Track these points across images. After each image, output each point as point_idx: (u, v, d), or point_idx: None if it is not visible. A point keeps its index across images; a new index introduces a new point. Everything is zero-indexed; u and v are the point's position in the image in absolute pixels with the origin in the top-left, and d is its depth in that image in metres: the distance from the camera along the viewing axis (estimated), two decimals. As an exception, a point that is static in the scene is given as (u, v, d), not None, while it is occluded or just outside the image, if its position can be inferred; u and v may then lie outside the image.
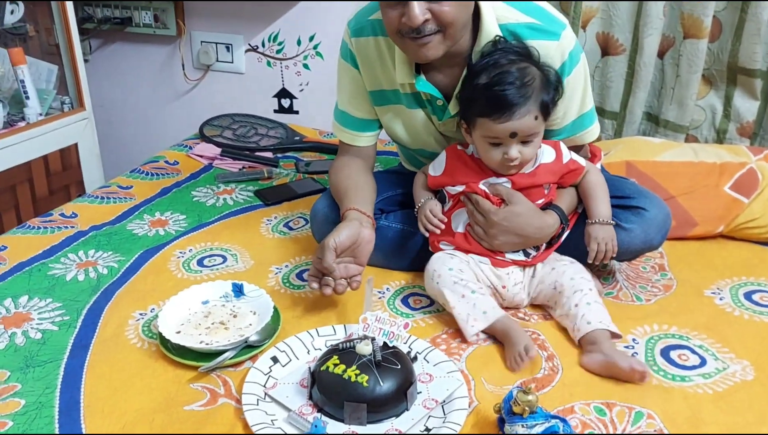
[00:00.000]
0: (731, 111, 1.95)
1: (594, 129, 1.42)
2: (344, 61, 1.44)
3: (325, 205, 1.47)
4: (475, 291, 1.26)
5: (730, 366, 1.20)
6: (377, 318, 1.10)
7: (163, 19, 2.52)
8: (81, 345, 1.25)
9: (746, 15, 1.82)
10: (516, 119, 1.21)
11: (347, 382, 1.03)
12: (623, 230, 1.36)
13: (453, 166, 1.35)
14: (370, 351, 1.06)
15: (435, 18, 1.18)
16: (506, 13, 1.29)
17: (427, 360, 1.17)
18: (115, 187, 1.95)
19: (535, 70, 1.23)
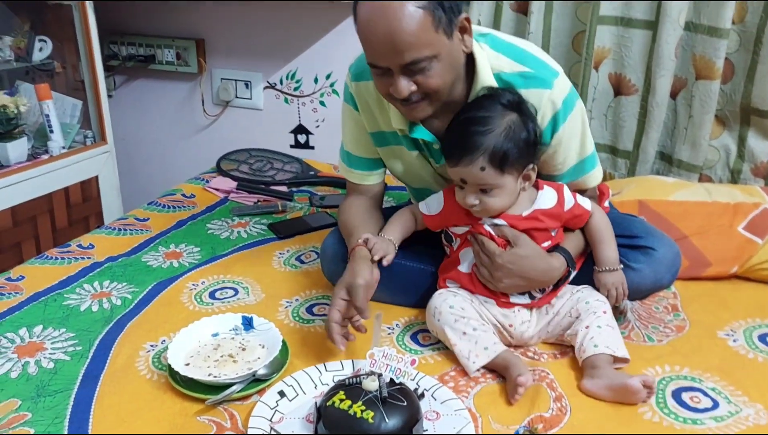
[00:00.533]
0: (745, 151, 1.95)
1: (596, 172, 1.42)
2: (347, 104, 1.47)
3: (334, 241, 1.49)
4: (476, 328, 1.26)
5: (744, 409, 1.18)
6: (384, 354, 1.10)
7: (185, 57, 2.59)
8: (92, 375, 1.26)
9: (758, 57, 1.83)
10: (462, 166, 1.22)
11: (353, 417, 1.02)
12: (632, 271, 1.35)
13: (450, 205, 1.34)
14: (377, 387, 1.06)
15: (420, 88, 1.20)
16: (499, 63, 1.30)
17: (434, 397, 1.16)
18: (132, 219, 1.98)
19: (507, 120, 1.21)
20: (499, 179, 1.22)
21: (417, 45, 1.15)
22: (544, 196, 1.31)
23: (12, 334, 1.38)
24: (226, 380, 1.18)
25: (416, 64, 1.17)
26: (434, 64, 1.18)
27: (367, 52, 1.21)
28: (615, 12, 1.94)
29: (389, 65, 1.18)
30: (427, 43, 1.16)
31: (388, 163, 1.49)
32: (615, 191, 1.80)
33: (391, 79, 1.20)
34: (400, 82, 1.19)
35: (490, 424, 1.12)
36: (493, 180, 1.22)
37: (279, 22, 2.41)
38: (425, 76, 1.19)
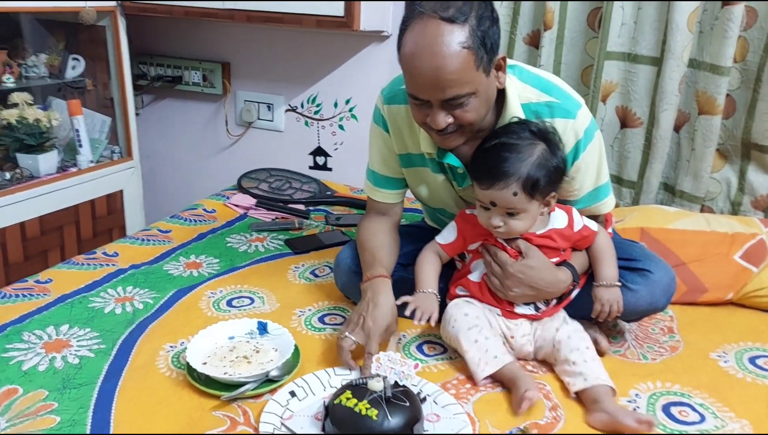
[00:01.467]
0: (745, 184, 2.02)
1: (609, 201, 1.49)
2: (376, 126, 1.54)
3: (348, 256, 1.57)
4: (488, 337, 1.33)
5: (729, 424, 1.24)
6: (389, 358, 1.18)
7: (210, 79, 2.70)
8: (114, 371, 1.34)
9: (758, 94, 1.91)
10: (495, 190, 1.28)
11: (358, 415, 1.10)
12: (629, 291, 1.42)
13: (464, 230, 1.43)
14: (381, 388, 1.13)
15: (456, 121, 1.28)
16: (527, 93, 1.37)
17: (436, 402, 1.23)
18: (155, 230, 2.08)
19: (539, 149, 1.29)
20: (527, 204, 1.30)
21: (459, 83, 1.22)
22: (556, 217, 1.39)
23: (40, 331, 1.47)
24: (241, 379, 1.26)
25: (456, 99, 1.24)
26: (472, 99, 1.25)
27: (409, 84, 1.27)
28: (622, 48, 2.03)
29: (430, 99, 1.25)
30: (468, 81, 1.22)
31: (412, 183, 1.56)
32: (619, 219, 1.88)
33: (429, 111, 1.27)
34: (439, 115, 1.26)
35: (488, 428, 1.19)
36: (522, 205, 1.29)
37: (302, 48, 2.53)
38: (463, 111, 1.26)
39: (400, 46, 1.26)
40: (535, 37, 2.13)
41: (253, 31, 2.58)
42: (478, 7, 1.22)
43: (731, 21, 1.85)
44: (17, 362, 1.35)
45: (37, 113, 2.20)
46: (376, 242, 1.49)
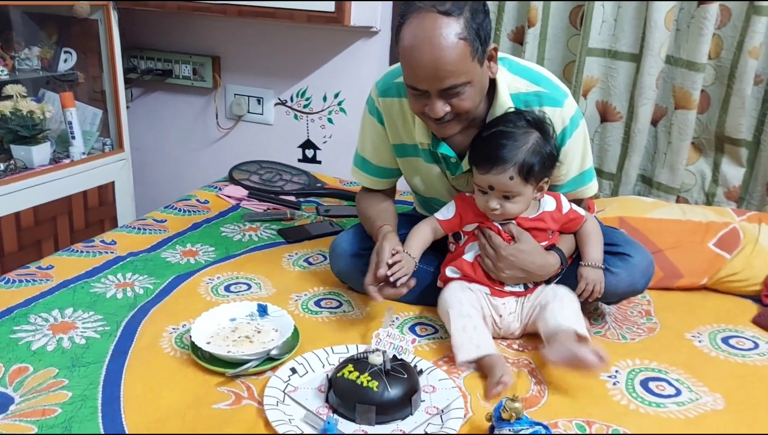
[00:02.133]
0: (719, 176, 2.12)
1: (593, 185, 1.58)
2: (370, 116, 1.61)
3: (345, 240, 1.65)
4: (476, 327, 1.39)
5: (703, 397, 1.32)
6: (388, 333, 1.24)
7: (201, 73, 2.75)
8: (120, 351, 1.39)
9: (732, 90, 2.00)
10: (492, 174, 1.37)
11: (359, 386, 1.17)
12: (610, 274, 1.51)
13: (463, 209, 1.51)
14: (381, 361, 1.21)
15: (453, 109, 1.36)
16: (516, 84, 1.46)
17: (428, 377, 1.30)
18: (150, 220, 2.12)
19: (534, 136, 1.38)
20: (522, 188, 1.39)
21: (456, 73, 1.30)
22: (546, 201, 1.49)
23: (46, 314, 1.52)
24: (244, 357, 1.32)
25: (453, 89, 1.32)
26: (468, 88, 1.34)
27: (408, 75, 1.35)
28: (603, 45, 2.12)
29: (429, 89, 1.33)
30: (465, 71, 1.31)
31: (406, 173, 1.65)
32: (599, 209, 1.96)
33: (427, 101, 1.35)
34: (437, 104, 1.34)
35: (478, 400, 1.27)
36: (517, 188, 1.39)
37: (291, 43, 2.58)
38: (459, 100, 1.34)
39: (399, 39, 1.34)
40: (520, 33, 2.21)
41: (243, 26, 2.62)
42: (471, 2, 1.31)
43: (706, 19, 1.95)
44: (26, 343, 1.40)
45: (30, 105, 2.23)
46: (376, 209, 1.61)
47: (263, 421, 1.18)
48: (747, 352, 1.50)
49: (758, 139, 2.05)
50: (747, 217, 1.89)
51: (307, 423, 1.17)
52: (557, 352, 1.31)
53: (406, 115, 1.53)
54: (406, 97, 1.52)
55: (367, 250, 1.56)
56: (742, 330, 1.60)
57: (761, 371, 1.42)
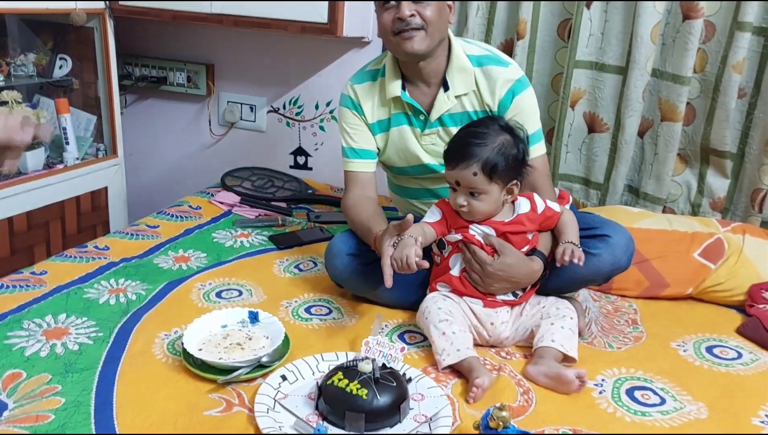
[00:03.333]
0: (705, 187, 2.15)
1: (539, 147, 1.69)
2: (346, 109, 1.77)
3: (339, 241, 1.67)
4: (456, 332, 1.43)
5: (687, 406, 1.35)
6: (378, 342, 1.27)
7: (195, 80, 2.77)
8: (113, 357, 1.41)
9: (716, 103, 2.04)
10: (458, 170, 1.44)
11: (349, 394, 1.19)
12: (593, 256, 1.54)
13: (445, 211, 1.53)
14: (371, 369, 1.22)
15: (420, 15, 1.55)
16: (470, 48, 1.69)
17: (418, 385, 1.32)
18: (143, 225, 2.14)
19: (501, 138, 1.44)
20: (486, 186, 1.44)
21: None
22: (520, 204, 1.52)
23: (39, 319, 1.53)
24: (235, 364, 1.34)
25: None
26: (432, 3, 1.55)
27: None
28: (590, 57, 2.15)
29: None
30: None
31: (382, 149, 1.77)
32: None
33: (397, 10, 1.55)
34: (404, 5, 1.54)
35: (465, 409, 1.29)
36: (482, 185, 1.43)
37: (284, 51, 2.61)
38: (424, 8, 1.55)
39: None
40: (509, 45, 2.25)
41: (237, 35, 2.65)
42: None
43: (691, 34, 1.98)
44: (19, 348, 1.41)
45: (26, 111, 2.25)
46: (369, 212, 1.65)
47: (254, 428, 1.20)
48: (730, 361, 1.53)
49: (742, 152, 2.09)
50: (731, 228, 1.93)
51: (297, 430, 1.18)
52: (540, 368, 1.36)
53: (379, 90, 1.73)
54: (377, 79, 1.74)
55: (363, 251, 1.62)
56: (726, 340, 1.63)
57: (744, 381, 1.45)
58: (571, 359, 1.42)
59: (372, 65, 1.78)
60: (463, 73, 1.65)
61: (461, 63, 1.65)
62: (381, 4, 1.59)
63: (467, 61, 1.65)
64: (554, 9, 2.18)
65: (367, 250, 1.62)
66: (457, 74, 1.65)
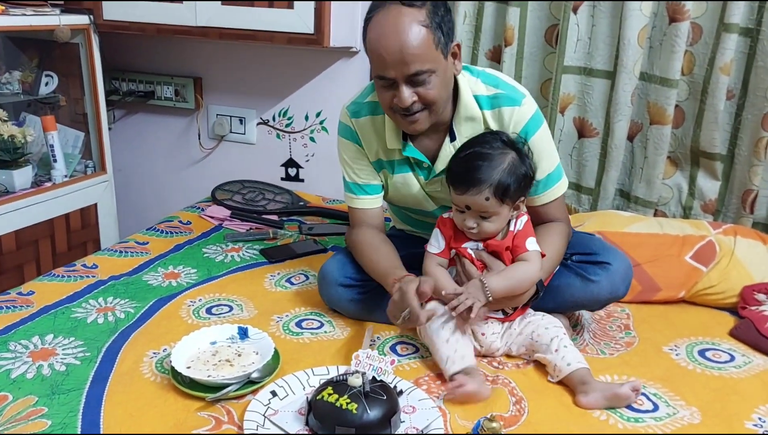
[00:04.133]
0: (695, 190, 2.15)
1: (563, 183, 1.60)
2: (345, 140, 1.65)
3: (335, 269, 1.65)
4: (458, 339, 1.42)
5: (680, 411, 1.34)
6: (368, 355, 1.25)
7: (183, 94, 2.76)
8: (101, 377, 1.39)
9: (705, 105, 2.04)
10: (469, 195, 1.40)
11: (339, 409, 1.18)
12: (591, 282, 1.53)
13: (447, 233, 1.52)
14: (360, 383, 1.21)
15: (421, 99, 1.42)
16: (477, 87, 1.53)
17: (409, 397, 1.31)
18: (132, 242, 2.13)
19: (509, 157, 1.41)
20: (498, 208, 1.42)
21: (421, 58, 1.37)
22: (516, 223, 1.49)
23: (26, 341, 1.51)
24: (224, 381, 1.33)
25: (419, 75, 1.39)
26: (433, 78, 1.40)
27: (376, 65, 1.42)
28: (578, 62, 2.15)
29: (396, 76, 1.39)
30: (429, 59, 1.38)
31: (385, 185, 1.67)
32: (578, 224, 1.98)
33: (395, 91, 1.42)
34: (404, 92, 1.40)
35: (457, 420, 1.28)
36: (493, 209, 1.41)
37: (272, 63, 2.60)
38: (425, 88, 1.41)
39: (366, 33, 1.42)
40: (497, 52, 2.24)
41: (224, 47, 2.64)
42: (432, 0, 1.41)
43: (678, 37, 1.98)
44: (5, 371, 1.39)
45: (11, 129, 2.24)
46: (381, 253, 1.58)
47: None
48: (723, 364, 1.52)
49: (732, 153, 2.08)
50: (723, 230, 1.92)
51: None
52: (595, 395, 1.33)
53: (380, 130, 1.59)
54: (377, 114, 1.59)
55: (356, 280, 1.61)
56: (718, 343, 1.63)
57: (737, 384, 1.44)
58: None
59: (370, 96, 1.60)
60: (471, 121, 1.53)
61: (469, 112, 1.52)
62: (377, 80, 1.45)
63: (475, 107, 1.52)
64: (541, 14, 2.18)
65: (361, 281, 1.61)
66: (465, 123, 1.53)
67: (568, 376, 1.39)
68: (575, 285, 1.56)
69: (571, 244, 1.63)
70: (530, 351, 1.49)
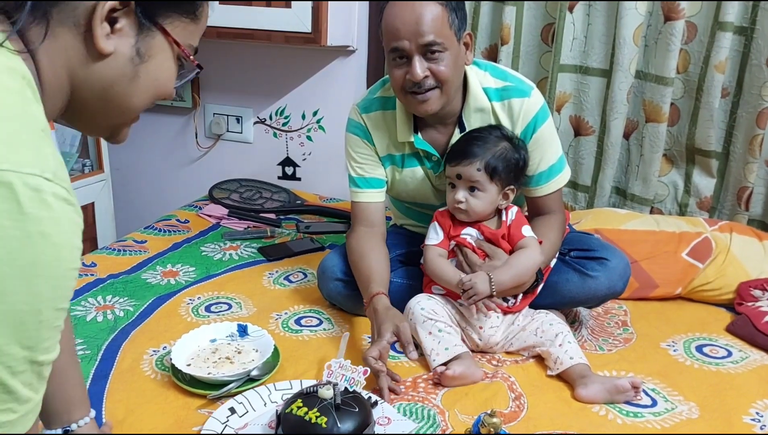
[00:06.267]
0: (691, 187, 2.16)
1: (566, 172, 1.63)
2: (355, 137, 1.65)
3: (335, 264, 1.66)
4: (442, 330, 1.44)
5: (678, 406, 1.35)
6: (340, 365, 1.24)
7: (180, 93, 2.76)
8: (101, 374, 1.39)
9: (700, 103, 2.05)
10: (461, 166, 1.46)
11: (308, 423, 1.12)
12: (590, 278, 1.55)
13: (444, 224, 1.54)
14: (332, 395, 1.17)
15: (433, 75, 1.44)
16: (486, 80, 1.55)
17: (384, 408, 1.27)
18: (130, 241, 2.13)
19: (503, 145, 1.46)
20: (487, 184, 1.46)
21: (435, 30, 1.40)
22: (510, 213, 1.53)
23: (26, 339, 1.51)
24: (224, 378, 1.33)
25: (433, 46, 1.40)
26: (446, 55, 1.42)
27: (391, 37, 1.43)
28: (574, 61, 2.16)
29: (410, 47, 1.41)
30: (444, 34, 1.41)
31: (392, 182, 1.68)
32: (574, 221, 2.00)
33: (408, 67, 1.43)
34: (417, 64, 1.41)
35: (457, 416, 1.28)
36: (483, 181, 1.45)
37: (270, 62, 2.60)
38: (438, 65, 1.42)
39: (383, 11, 1.46)
40: (493, 51, 2.25)
41: (221, 46, 2.64)
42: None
43: (673, 35, 2.00)
44: (6, 369, 1.39)
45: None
46: (368, 262, 1.57)
47: (245, 442, 1.19)
48: (720, 360, 1.54)
49: (727, 151, 2.10)
50: (719, 227, 1.94)
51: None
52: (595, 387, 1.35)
53: (390, 125, 1.61)
54: (387, 109, 1.62)
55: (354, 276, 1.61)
56: (716, 338, 1.64)
57: (734, 379, 1.46)
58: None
59: (380, 91, 1.63)
60: (480, 113, 1.55)
61: (479, 103, 1.54)
62: (391, 57, 1.47)
63: (485, 98, 1.54)
64: (537, 13, 2.19)
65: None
66: (474, 115, 1.55)
67: (567, 370, 1.40)
68: (573, 280, 1.57)
69: (569, 240, 1.64)
70: (531, 347, 1.50)
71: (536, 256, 1.47)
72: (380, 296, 1.48)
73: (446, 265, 1.51)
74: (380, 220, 1.68)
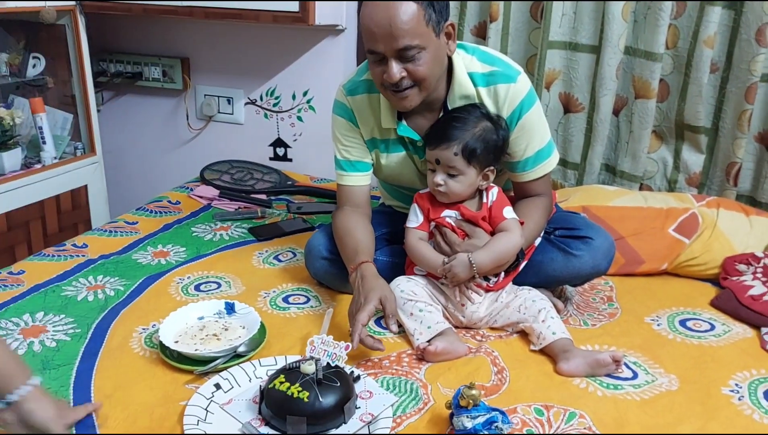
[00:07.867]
0: (680, 163, 2.17)
1: (554, 158, 1.62)
2: (339, 117, 1.64)
3: (320, 243, 1.68)
4: (422, 310, 1.46)
5: (659, 379, 1.37)
6: (323, 341, 1.25)
7: (170, 75, 2.76)
8: (91, 353, 1.42)
9: (689, 78, 2.05)
10: (439, 150, 1.46)
11: (290, 398, 1.15)
12: (574, 257, 1.56)
13: (424, 206, 1.56)
14: (314, 370, 1.19)
15: (410, 76, 1.42)
16: (472, 64, 1.53)
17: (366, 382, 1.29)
18: (122, 222, 2.14)
19: (483, 125, 1.45)
20: (465, 168, 1.46)
21: (410, 33, 1.37)
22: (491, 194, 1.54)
23: (16, 318, 1.53)
24: (211, 354, 1.35)
25: (408, 50, 1.39)
26: (423, 54, 1.40)
27: (367, 39, 1.43)
28: (563, 37, 2.16)
29: (385, 50, 1.40)
30: (418, 34, 1.38)
31: (377, 165, 1.68)
32: (563, 198, 2.00)
33: (385, 67, 1.42)
34: (393, 66, 1.41)
35: (439, 390, 1.30)
36: (460, 166, 1.46)
37: (259, 43, 2.60)
38: (415, 65, 1.41)
39: (360, 11, 1.43)
40: (482, 28, 2.25)
41: (211, 27, 2.64)
42: None
43: (662, 10, 1.99)
44: (-4, 348, 1.41)
45: (0, 111, 2.24)
46: (354, 235, 1.58)
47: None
48: (703, 333, 1.55)
49: (716, 126, 2.10)
50: (706, 202, 1.94)
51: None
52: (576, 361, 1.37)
53: (375, 109, 1.60)
54: (373, 93, 1.58)
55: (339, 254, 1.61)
56: (699, 312, 1.65)
57: (716, 352, 1.47)
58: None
59: (367, 74, 1.58)
60: (466, 99, 1.52)
61: (463, 90, 1.51)
62: (369, 56, 1.45)
63: (470, 84, 1.51)
64: (526, -10, 2.18)
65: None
66: (459, 101, 1.53)
67: (550, 345, 1.42)
68: (557, 259, 1.58)
69: (554, 219, 1.65)
70: (515, 324, 1.51)
71: (516, 238, 1.48)
72: (368, 264, 1.49)
73: (427, 249, 1.52)
74: (365, 202, 1.68)
